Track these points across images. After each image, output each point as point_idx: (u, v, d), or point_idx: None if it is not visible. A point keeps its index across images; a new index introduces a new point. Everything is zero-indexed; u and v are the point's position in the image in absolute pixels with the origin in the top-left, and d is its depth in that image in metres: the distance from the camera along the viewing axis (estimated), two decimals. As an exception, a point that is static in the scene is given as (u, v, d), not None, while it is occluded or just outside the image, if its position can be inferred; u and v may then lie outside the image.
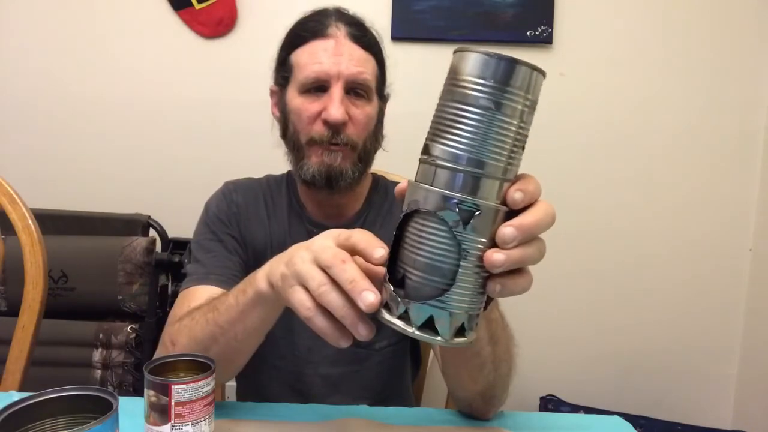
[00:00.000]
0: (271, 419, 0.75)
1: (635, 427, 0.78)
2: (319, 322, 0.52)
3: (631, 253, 1.80)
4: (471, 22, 1.69)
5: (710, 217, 1.78)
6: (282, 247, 0.96)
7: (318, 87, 0.88)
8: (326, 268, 0.52)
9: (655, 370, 1.83)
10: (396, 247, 0.49)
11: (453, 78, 0.46)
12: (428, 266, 0.46)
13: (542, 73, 0.46)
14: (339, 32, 0.88)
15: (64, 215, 1.58)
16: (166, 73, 1.75)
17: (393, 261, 0.49)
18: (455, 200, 0.44)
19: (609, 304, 1.82)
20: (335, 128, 0.87)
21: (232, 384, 1.07)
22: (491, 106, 0.44)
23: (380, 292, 0.50)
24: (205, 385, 0.61)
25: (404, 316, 0.48)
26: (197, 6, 1.70)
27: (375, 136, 0.94)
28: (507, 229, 0.45)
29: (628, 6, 1.72)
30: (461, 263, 0.45)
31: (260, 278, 0.61)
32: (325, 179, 0.88)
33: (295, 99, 0.90)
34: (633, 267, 1.81)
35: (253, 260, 0.94)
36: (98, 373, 1.49)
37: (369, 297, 0.48)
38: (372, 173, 1.04)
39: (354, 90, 0.89)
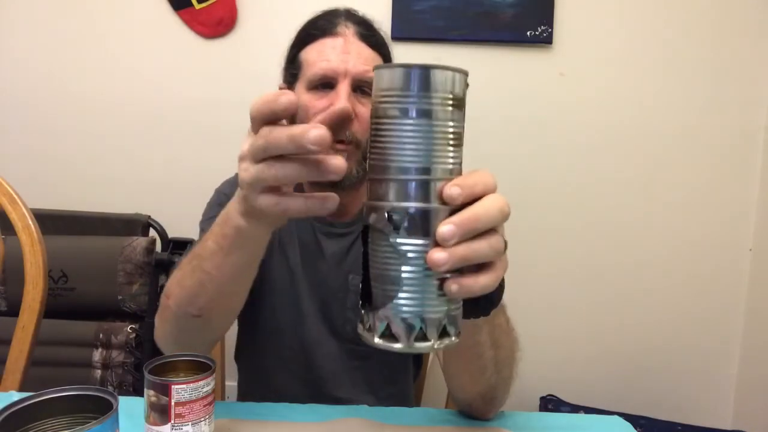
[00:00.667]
0: (271, 419, 0.75)
1: (635, 427, 0.78)
2: (296, 205, 0.50)
3: (631, 253, 1.80)
4: (471, 22, 1.69)
5: (710, 217, 1.78)
6: (288, 240, 0.97)
7: (325, 84, 0.89)
8: (264, 154, 0.49)
9: (655, 370, 1.83)
10: (365, 263, 0.50)
11: (373, 95, 0.48)
12: (379, 276, 0.47)
13: (457, 71, 0.46)
14: (348, 31, 0.90)
15: (64, 215, 1.58)
16: (166, 73, 1.75)
17: (365, 277, 0.50)
18: (384, 208, 0.45)
19: (609, 304, 1.82)
20: (340, 123, 0.87)
21: (232, 384, 1.07)
22: (398, 113, 0.45)
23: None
24: (205, 385, 0.61)
25: (370, 327, 0.49)
26: (197, 6, 1.70)
27: None
28: (444, 227, 0.44)
29: (628, 6, 1.72)
30: (403, 268, 0.45)
31: (234, 215, 0.58)
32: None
33: (302, 95, 0.91)
34: (633, 267, 1.80)
35: None
36: (98, 373, 1.49)
37: (313, 132, 0.45)
38: None
39: (360, 88, 0.89)
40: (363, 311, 0.50)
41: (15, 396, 0.66)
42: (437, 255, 0.44)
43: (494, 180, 0.48)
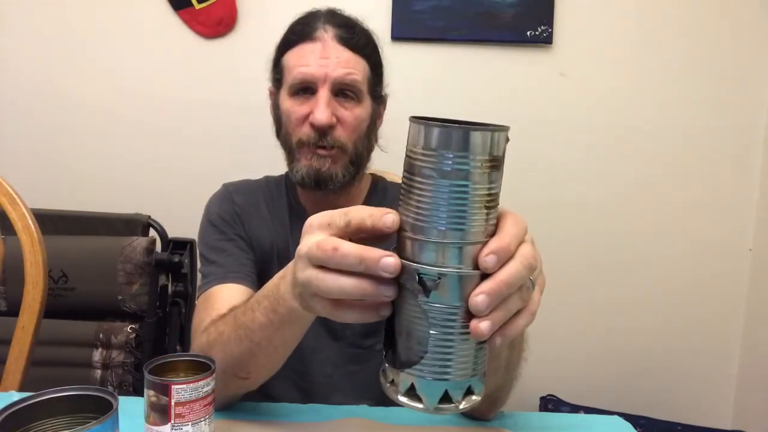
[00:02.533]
0: (271, 419, 0.75)
1: (635, 427, 0.78)
2: (352, 317, 0.49)
3: (631, 253, 1.80)
4: (471, 22, 1.69)
5: (710, 217, 1.78)
6: (286, 248, 0.97)
7: (306, 89, 0.89)
8: (324, 264, 0.48)
9: (655, 370, 1.83)
10: (391, 315, 0.49)
11: (407, 148, 0.45)
12: (405, 332, 0.46)
13: (498, 130, 0.43)
14: (326, 35, 0.89)
15: (64, 215, 1.58)
16: (166, 73, 1.75)
17: (389, 328, 0.49)
18: (415, 270, 0.44)
19: (609, 304, 1.82)
20: (321, 131, 0.88)
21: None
22: (434, 174, 0.43)
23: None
24: (205, 385, 0.61)
25: (393, 382, 0.48)
26: (197, 6, 1.70)
27: (368, 138, 0.95)
28: (478, 298, 0.43)
29: (628, 6, 1.72)
30: (431, 331, 0.44)
31: (287, 296, 0.57)
32: (314, 182, 0.90)
33: (285, 101, 0.91)
34: (633, 267, 1.80)
35: (260, 260, 0.95)
36: (98, 373, 1.49)
37: (388, 262, 0.44)
38: (371, 174, 1.05)
39: (342, 92, 0.89)
40: (386, 364, 0.48)
41: (15, 396, 0.66)
42: (482, 326, 0.43)
43: (524, 225, 0.47)
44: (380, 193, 1.02)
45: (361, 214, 0.47)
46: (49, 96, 1.76)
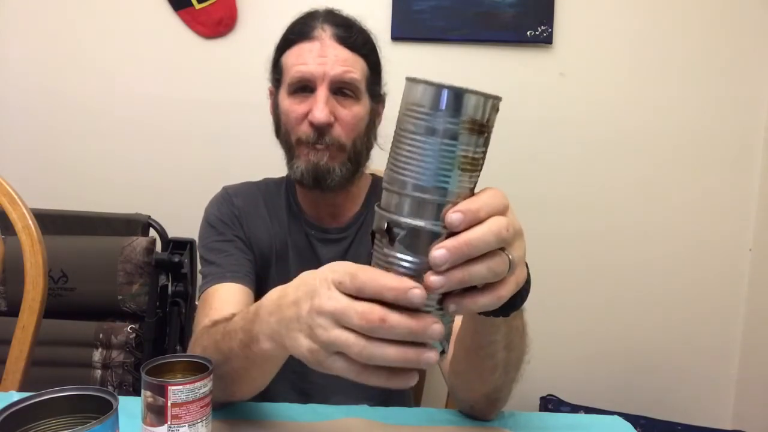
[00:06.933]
0: (271, 419, 0.75)
1: (635, 427, 0.78)
2: (378, 381, 0.47)
3: (631, 253, 1.80)
4: (471, 22, 1.69)
5: (710, 217, 1.78)
6: (284, 249, 0.97)
7: (304, 88, 0.90)
8: (366, 332, 0.45)
9: (655, 370, 1.82)
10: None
11: (400, 105, 0.47)
12: None
13: (477, 94, 0.45)
14: (324, 34, 0.90)
15: (64, 215, 1.58)
16: (166, 73, 1.75)
17: None
18: (384, 218, 0.45)
19: (609, 304, 1.82)
20: (320, 129, 0.88)
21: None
22: (413, 128, 0.44)
23: None
24: (202, 387, 0.61)
25: None
26: (197, 6, 1.70)
27: (367, 136, 0.95)
28: (437, 252, 0.43)
29: (628, 6, 1.72)
30: None
31: (262, 338, 0.56)
32: (313, 178, 0.91)
33: (284, 100, 0.92)
34: (633, 267, 1.80)
35: (259, 260, 0.95)
36: (98, 373, 1.49)
37: (436, 329, 0.44)
38: (372, 174, 1.05)
39: (341, 90, 0.90)
40: None
41: (15, 396, 0.66)
42: (433, 278, 0.43)
43: (503, 201, 0.47)
44: (379, 192, 1.02)
45: (380, 283, 0.45)
46: (49, 96, 1.76)
